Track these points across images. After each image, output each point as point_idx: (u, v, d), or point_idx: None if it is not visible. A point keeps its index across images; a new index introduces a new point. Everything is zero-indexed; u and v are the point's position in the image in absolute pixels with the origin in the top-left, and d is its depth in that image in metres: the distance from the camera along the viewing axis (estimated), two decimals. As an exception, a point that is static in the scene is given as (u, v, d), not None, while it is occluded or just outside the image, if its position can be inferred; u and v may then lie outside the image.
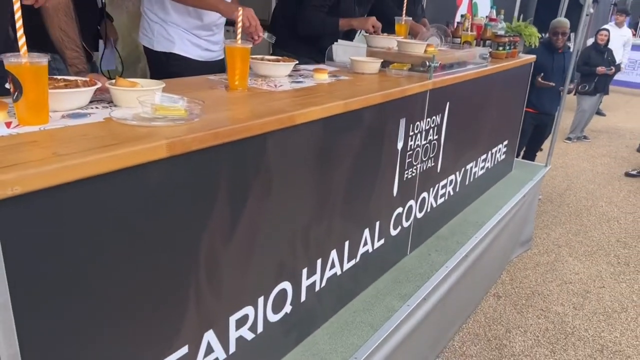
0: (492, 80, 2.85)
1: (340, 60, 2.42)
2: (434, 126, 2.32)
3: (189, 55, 2.23)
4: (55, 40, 1.54)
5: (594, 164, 6.11)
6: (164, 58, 2.21)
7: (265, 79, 1.90)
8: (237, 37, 1.64)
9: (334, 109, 1.58)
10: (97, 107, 1.28)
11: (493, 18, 3.30)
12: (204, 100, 1.36)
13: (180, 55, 2.21)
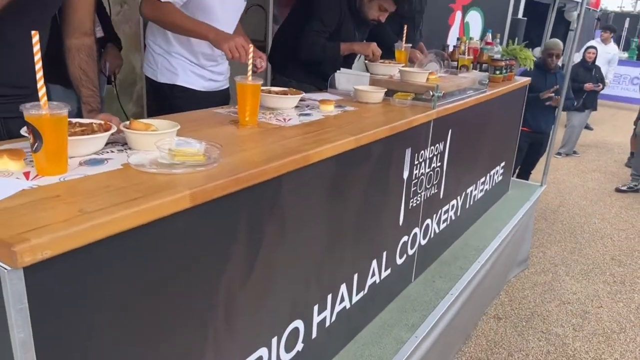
0: (490, 104, 2.88)
1: (343, 88, 2.44)
2: (437, 154, 2.34)
3: (192, 87, 2.22)
4: (74, 77, 1.56)
5: (584, 180, 6.19)
6: (167, 90, 2.20)
7: (273, 112, 1.90)
8: (248, 74, 1.65)
9: (346, 146, 1.59)
10: (113, 151, 1.27)
11: (489, 42, 3.35)
12: (219, 141, 1.36)
13: (183, 87, 2.20)
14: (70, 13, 1.55)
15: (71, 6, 1.54)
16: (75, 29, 1.57)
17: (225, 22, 2.20)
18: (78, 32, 1.57)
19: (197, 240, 1.13)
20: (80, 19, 1.56)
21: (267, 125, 1.70)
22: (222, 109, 1.92)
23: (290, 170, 1.36)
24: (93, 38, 1.62)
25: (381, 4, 2.62)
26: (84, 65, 1.56)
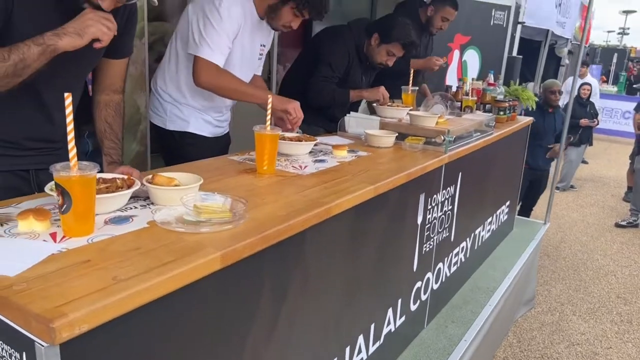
0: (496, 145, 2.90)
1: (354, 131, 2.45)
2: (449, 197, 2.33)
3: (202, 133, 2.22)
4: (98, 130, 1.58)
5: (583, 214, 6.21)
6: (177, 137, 2.19)
7: (288, 158, 1.90)
8: (267, 124, 1.65)
9: (365, 195, 1.58)
10: (136, 207, 1.25)
11: (491, 83, 3.40)
12: (239, 192, 1.35)
13: (194, 133, 2.20)
14: (103, 73, 1.58)
15: (105, 67, 1.57)
16: (107, 87, 1.59)
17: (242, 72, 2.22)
18: (109, 90, 1.60)
19: (223, 301, 1.11)
20: (112, 79, 1.59)
21: (284, 173, 1.70)
22: (237, 155, 1.91)
23: (313, 224, 1.34)
24: (122, 95, 1.64)
25: (389, 49, 2.66)
26: (110, 119, 1.58)
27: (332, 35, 2.70)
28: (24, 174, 1.48)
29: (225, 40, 2.01)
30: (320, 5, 2.03)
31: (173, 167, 1.73)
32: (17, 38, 1.23)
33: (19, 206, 1.19)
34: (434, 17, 3.42)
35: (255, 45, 2.22)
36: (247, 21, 2.09)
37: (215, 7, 1.98)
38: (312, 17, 2.08)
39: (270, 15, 2.08)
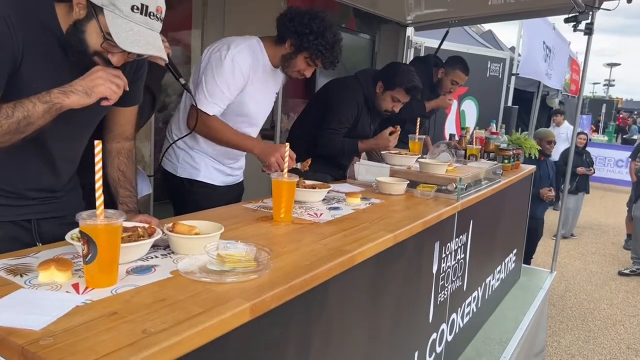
0: (503, 193, 2.91)
1: (364, 179, 2.44)
2: (461, 245, 2.31)
3: (212, 182, 2.20)
4: (111, 178, 1.53)
5: (586, 263, 6.16)
6: (187, 184, 2.17)
7: (302, 205, 1.88)
8: (284, 172, 1.64)
9: (385, 244, 1.55)
10: (157, 256, 1.22)
11: (494, 131, 3.44)
12: (259, 240, 1.32)
13: (204, 182, 2.18)
14: (113, 122, 1.55)
15: (115, 115, 1.54)
16: (118, 135, 1.57)
17: (258, 120, 2.24)
18: (120, 137, 1.57)
19: (250, 353, 1.05)
20: (123, 127, 1.56)
21: (301, 221, 1.67)
22: (251, 203, 1.89)
23: (337, 272, 1.31)
24: (133, 142, 1.62)
25: (393, 95, 2.71)
26: (123, 167, 1.54)
27: (341, 88, 2.75)
28: (25, 223, 1.42)
29: (225, 92, 2.03)
30: (332, 56, 2.07)
31: (188, 215, 1.70)
32: (24, 91, 1.21)
33: (37, 256, 1.16)
34: (444, 79, 3.50)
35: (270, 94, 2.25)
36: (259, 71, 2.12)
37: (221, 59, 2.02)
38: (324, 66, 2.12)
39: (285, 64, 2.12)
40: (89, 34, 1.23)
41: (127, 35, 1.20)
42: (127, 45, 1.20)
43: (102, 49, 1.24)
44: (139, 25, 1.21)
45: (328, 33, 2.00)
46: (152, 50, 1.24)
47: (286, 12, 2.06)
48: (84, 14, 1.22)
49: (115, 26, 1.19)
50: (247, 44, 2.09)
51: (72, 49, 1.25)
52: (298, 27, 2.00)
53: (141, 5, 1.20)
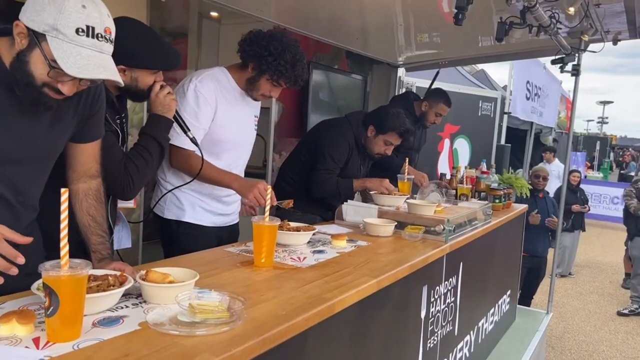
0: (495, 233, 2.88)
1: (351, 220, 2.41)
2: (451, 288, 2.26)
3: (200, 223, 2.16)
4: (82, 225, 1.44)
5: (584, 302, 6.06)
6: (174, 226, 2.13)
7: (286, 248, 1.84)
8: (265, 215, 1.61)
9: (368, 290, 1.51)
10: (127, 306, 1.17)
11: (484, 171, 3.44)
12: (236, 287, 1.28)
13: (190, 223, 2.14)
14: (75, 160, 1.45)
15: (76, 153, 1.44)
16: (82, 174, 1.46)
17: (238, 145, 2.21)
18: (85, 176, 1.46)
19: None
20: (86, 164, 1.46)
21: (283, 266, 1.63)
22: (233, 247, 1.86)
23: (315, 322, 1.26)
24: (100, 179, 1.51)
25: (386, 139, 2.71)
26: (92, 210, 1.45)
27: (332, 128, 2.76)
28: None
29: (193, 122, 2.00)
30: (294, 75, 2.06)
31: (166, 260, 1.67)
32: None
33: (2, 306, 1.11)
34: (428, 112, 3.55)
35: (245, 117, 2.23)
36: (228, 97, 2.11)
37: (184, 92, 2.03)
38: (288, 86, 2.12)
39: (249, 87, 2.12)
40: (34, 64, 1.15)
41: (74, 60, 1.12)
42: (75, 71, 1.12)
43: (50, 78, 1.16)
44: (86, 48, 1.13)
45: (287, 53, 2.01)
46: (104, 73, 1.17)
47: (246, 37, 2.07)
48: (26, 44, 1.14)
49: (60, 52, 1.11)
50: (208, 72, 2.10)
51: (18, 83, 1.16)
52: (257, 50, 2.01)
53: (87, 27, 1.12)
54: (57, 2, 1.11)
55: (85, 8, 1.12)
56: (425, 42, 4.19)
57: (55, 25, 1.10)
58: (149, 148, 1.75)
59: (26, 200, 1.35)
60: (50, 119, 1.30)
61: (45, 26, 1.11)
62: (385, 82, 5.04)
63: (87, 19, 1.12)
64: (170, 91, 1.78)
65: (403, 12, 3.35)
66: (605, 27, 3.44)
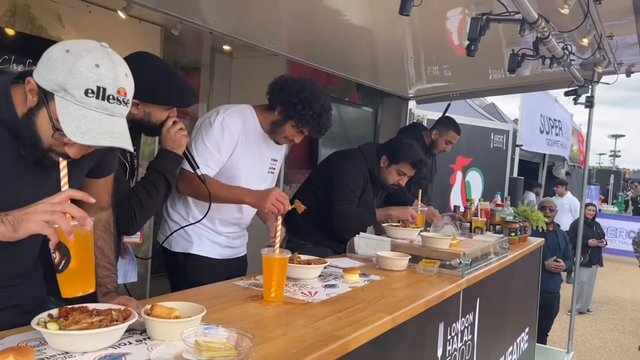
0: (511, 268, 2.79)
1: (364, 253, 2.35)
2: (468, 325, 2.17)
3: (208, 255, 2.11)
4: None
5: (604, 341, 5.84)
6: (181, 259, 2.09)
7: (296, 282, 1.78)
8: (276, 247, 1.57)
9: (382, 327, 1.44)
10: (131, 342, 1.12)
11: (499, 203, 3.37)
12: (245, 323, 1.22)
13: (197, 255, 2.10)
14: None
15: (88, 187, 1.38)
16: (92, 206, 1.36)
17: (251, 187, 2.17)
18: (95, 208, 1.40)
19: None
20: (97, 197, 1.37)
21: (293, 300, 1.57)
22: (242, 280, 1.80)
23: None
24: (110, 210, 1.49)
25: (399, 169, 2.68)
26: (100, 242, 1.41)
27: (346, 159, 2.74)
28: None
29: (215, 153, 2.00)
30: (319, 125, 2.06)
31: (173, 294, 1.62)
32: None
33: (1, 342, 1.07)
34: (438, 140, 3.52)
35: (264, 159, 2.20)
36: (250, 136, 2.10)
37: (210, 123, 2.03)
38: (311, 134, 2.11)
39: (273, 130, 2.11)
40: (40, 125, 1.08)
41: (78, 124, 1.03)
42: (76, 136, 1.03)
43: (55, 140, 1.08)
44: (94, 111, 1.04)
45: (316, 103, 2.01)
46: (109, 140, 1.06)
47: (276, 81, 2.09)
48: (35, 102, 1.07)
49: (65, 114, 1.03)
50: (237, 108, 2.11)
51: (24, 142, 1.10)
52: (287, 96, 2.02)
53: (97, 88, 1.04)
54: (69, 61, 1.04)
55: (99, 67, 1.04)
56: (435, 75, 4.20)
57: (64, 85, 1.03)
58: (155, 183, 1.73)
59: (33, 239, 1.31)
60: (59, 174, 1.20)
61: (55, 85, 1.04)
62: (396, 115, 5.04)
63: (98, 80, 1.04)
64: (182, 127, 1.76)
65: (413, 46, 3.36)
66: (618, 59, 3.43)
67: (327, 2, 2.51)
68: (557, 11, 2.24)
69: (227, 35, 3.03)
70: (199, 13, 2.78)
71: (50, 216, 0.94)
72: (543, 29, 2.25)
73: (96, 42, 1.10)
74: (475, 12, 2.34)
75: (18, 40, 2.71)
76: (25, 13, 2.77)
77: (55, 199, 0.99)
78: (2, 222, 0.99)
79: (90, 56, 1.05)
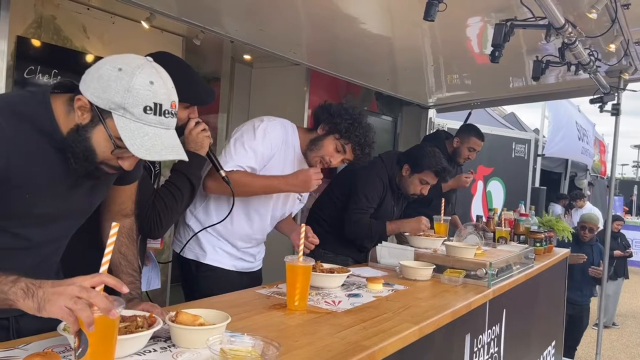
0: (537, 279, 2.72)
1: (386, 262, 2.32)
2: (494, 337, 2.11)
3: (221, 266, 2.08)
4: (112, 263, 1.37)
5: (631, 356, 5.66)
6: (193, 267, 2.06)
7: (319, 291, 1.76)
8: (299, 254, 1.54)
9: (409, 338, 1.41)
10: (155, 349, 1.11)
11: (523, 213, 3.30)
12: (269, 332, 1.19)
13: (210, 265, 2.07)
14: (111, 201, 1.42)
15: (113, 194, 1.41)
16: (116, 213, 1.44)
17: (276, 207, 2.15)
18: (119, 215, 1.44)
19: None
20: (121, 204, 1.44)
21: (317, 309, 1.55)
22: (264, 288, 1.78)
23: (355, 372, 1.17)
24: (133, 217, 1.49)
25: (422, 177, 2.63)
26: (123, 248, 1.40)
27: (366, 167, 2.69)
28: (3, 322, 1.25)
29: (252, 157, 1.98)
30: (364, 138, 2.04)
31: (195, 302, 1.60)
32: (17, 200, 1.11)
33: (27, 347, 1.06)
34: (460, 147, 3.47)
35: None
36: (289, 150, 2.09)
37: (253, 128, 2.01)
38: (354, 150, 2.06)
39: (311, 147, 2.08)
40: (96, 142, 1.10)
41: (142, 141, 1.07)
42: (142, 154, 1.07)
43: (111, 156, 1.11)
44: (153, 127, 1.08)
45: (363, 119, 2.05)
46: (171, 154, 1.11)
47: (323, 104, 2.11)
48: (88, 119, 1.10)
49: (127, 132, 1.06)
50: (280, 120, 2.10)
51: (76, 155, 1.11)
52: (335, 112, 2.04)
53: (154, 105, 1.08)
54: (125, 80, 1.06)
55: (153, 84, 1.08)
56: (455, 83, 4.16)
57: (122, 104, 1.06)
58: (179, 185, 1.72)
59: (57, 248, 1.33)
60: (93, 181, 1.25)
61: (112, 104, 1.06)
62: (416, 123, 5.00)
63: (154, 97, 1.08)
64: (205, 128, 1.75)
65: (433, 54, 3.34)
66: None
67: (348, 11, 2.50)
68: (584, 16, 2.20)
69: (249, 44, 3.04)
70: (220, 22, 2.80)
71: (73, 305, 0.91)
72: (570, 34, 2.21)
73: (141, 57, 1.13)
74: (496, 19, 2.31)
75: (44, 51, 2.77)
76: (51, 24, 2.82)
77: (87, 282, 0.96)
78: (33, 296, 0.97)
79: (144, 74, 1.08)
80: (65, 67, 2.83)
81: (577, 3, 2.22)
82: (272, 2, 2.43)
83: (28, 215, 1.17)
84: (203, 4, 2.50)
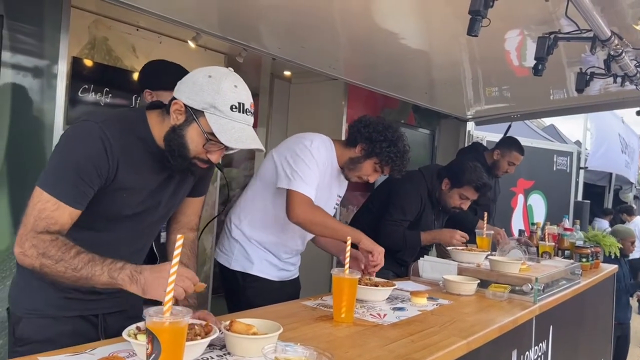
0: (584, 295, 2.64)
1: (428, 276, 2.31)
2: (541, 354, 2.07)
3: (266, 276, 2.12)
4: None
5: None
6: (240, 278, 2.11)
7: (364, 304, 1.77)
8: (345, 267, 1.57)
9: (458, 352, 1.40)
10: (212, 357, 1.15)
11: (568, 227, 3.23)
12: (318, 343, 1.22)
13: (257, 276, 2.11)
14: (181, 212, 1.56)
15: (183, 206, 1.55)
16: (183, 225, 1.57)
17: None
18: (185, 228, 1.56)
19: None
20: (189, 217, 1.58)
21: (363, 322, 1.56)
22: (310, 300, 1.81)
23: (406, 384, 1.18)
24: (196, 232, 1.61)
25: (462, 192, 2.62)
26: (185, 259, 1.49)
27: (405, 180, 2.69)
28: (93, 318, 1.41)
29: (316, 175, 2.01)
30: (402, 164, 2.07)
31: (245, 312, 1.64)
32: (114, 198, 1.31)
33: (94, 352, 1.12)
34: (500, 160, 3.43)
35: (332, 194, 2.21)
36: (328, 168, 2.12)
37: (307, 147, 2.03)
38: (392, 174, 2.11)
39: (350, 167, 2.11)
40: (190, 138, 1.30)
41: (230, 133, 1.27)
42: (232, 143, 1.27)
43: (202, 150, 1.31)
44: (238, 122, 1.28)
45: (400, 142, 2.06)
46: (254, 143, 1.31)
47: (360, 119, 2.12)
48: (182, 119, 1.29)
49: (218, 126, 1.26)
50: (322, 138, 2.12)
51: (173, 153, 1.31)
52: (372, 134, 2.04)
53: (239, 104, 1.28)
54: (214, 84, 1.27)
55: (237, 87, 1.29)
56: (494, 96, 4.12)
57: (213, 103, 1.26)
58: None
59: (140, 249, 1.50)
60: (175, 185, 1.44)
61: (205, 104, 1.26)
62: (454, 136, 4.97)
63: (238, 97, 1.28)
64: None
65: (471, 67, 3.32)
66: (693, 76, 3.23)
67: (386, 26, 2.54)
68: (629, 27, 2.16)
69: (290, 61, 3.11)
70: (262, 40, 2.88)
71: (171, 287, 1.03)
72: (616, 46, 2.17)
73: (224, 67, 1.35)
74: (536, 32, 2.29)
75: (97, 71, 2.90)
76: (104, 45, 2.97)
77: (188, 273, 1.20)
78: (137, 282, 1.17)
79: (229, 79, 1.29)
80: (116, 86, 2.97)
81: (622, 14, 2.19)
82: (311, 20, 2.49)
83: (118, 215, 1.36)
84: (245, 23, 2.59)
